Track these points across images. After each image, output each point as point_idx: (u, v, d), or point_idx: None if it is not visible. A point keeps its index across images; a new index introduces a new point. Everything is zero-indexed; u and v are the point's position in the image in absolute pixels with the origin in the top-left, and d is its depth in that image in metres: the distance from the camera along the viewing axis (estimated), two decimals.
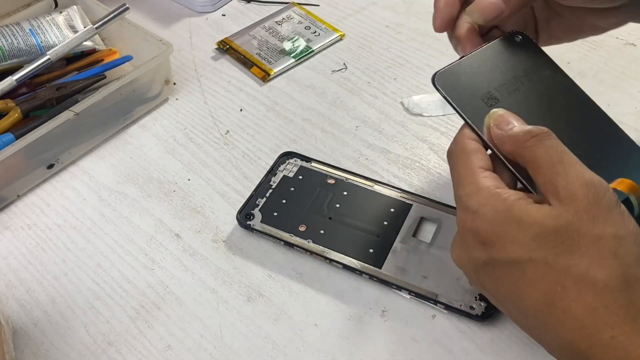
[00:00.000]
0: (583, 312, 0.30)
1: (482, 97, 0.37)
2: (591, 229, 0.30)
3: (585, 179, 0.31)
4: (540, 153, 0.32)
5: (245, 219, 0.49)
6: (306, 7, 0.70)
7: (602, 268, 0.30)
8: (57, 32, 0.60)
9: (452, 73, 0.38)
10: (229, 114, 0.60)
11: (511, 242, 0.32)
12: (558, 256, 0.31)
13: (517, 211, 0.32)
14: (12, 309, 0.46)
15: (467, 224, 0.34)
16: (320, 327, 0.44)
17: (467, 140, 0.36)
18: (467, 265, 0.35)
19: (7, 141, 0.51)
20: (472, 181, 0.34)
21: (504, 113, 0.36)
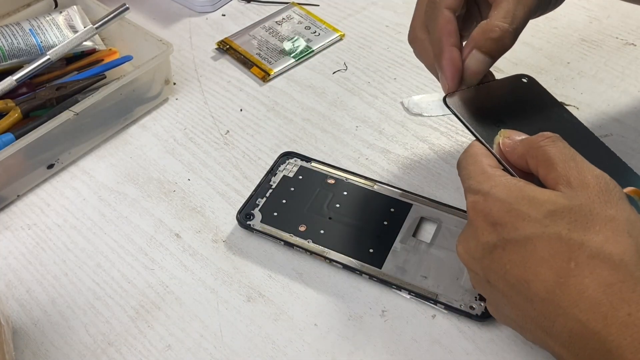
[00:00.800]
0: (598, 288, 0.29)
1: (490, 118, 0.40)
2: (604, 211, 0.30)
3: (597, 173, 0.32)
4: (553, 152, 0.33)
5: (245, 219, 0.49)
6: (306, 7, 0.70)
7: (618, 244, 0.30)
8: (57, 32, 0.60)
9: (462, 96, 0.41)
10: (229, 114, 0.60)
11: (523, 220, 0.32)
12: (571, 232, 0.30)
13: (529, 191, 0.32)
14: (12, 308, 0.46)
15: (478, 206, 0.34)
16: (320, 327, 0.44)
17: (475, 147, 0.37)
18: (474, 256, 0.35)
19: (7, 141, 0.51)
20: (481, 171, 0.35)
21: (514, 130, 0.38)
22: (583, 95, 0.59)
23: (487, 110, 0.40)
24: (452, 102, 0.41)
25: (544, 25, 0.68)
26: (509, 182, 0.33)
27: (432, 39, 0.42)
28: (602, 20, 0.68)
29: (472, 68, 0.40)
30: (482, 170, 0.35)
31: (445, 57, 0.40)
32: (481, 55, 0.39)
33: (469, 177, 0.36)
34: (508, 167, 0.36)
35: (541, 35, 0.66)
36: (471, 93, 0.41)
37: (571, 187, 0.32)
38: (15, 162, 0.50)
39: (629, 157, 0.53)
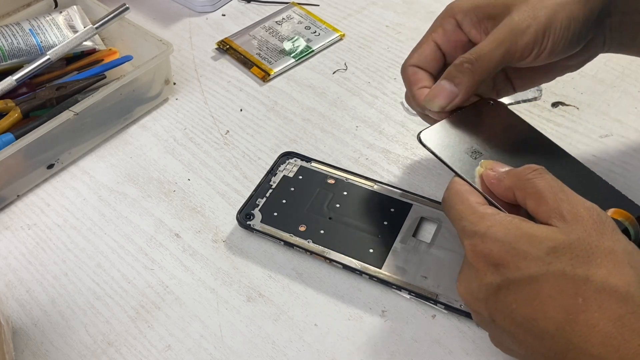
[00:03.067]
0: (608, 322, 0.29)
1: (467, 152, 0.40)
2: (602, 243, 0.31)
3: (587, 205, 0.32)
4: (541, 184, 0.33)
5: (245, 219, 0.49)
6: (306, 7, 0.70)
7: (621, 276, 0.30)
8: (57, 32, 0.60)
9: (436, 132, 0.41)
10: (229, 114, 0.60)
11: (525, 259, 0.31)
12: (575, 268, 0.30)
13: (527, 228, 0.32)
14: (12, 309, 0.46)
15: (477, 248, 0.33)
16: (320, 327, 0.44)
17: (459, 185, 0.37)
18: (477, 297, 0.34)
19: (7, 141, 0.51)
20: (473, 212, 0.34)
21: (495, 161, 0.38)
22: (583, 95, 0.59)
23: (462, 141, 0.41)
24: (426, 138, 0.41)
25: None
26: (505, 221, 0.33)
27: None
28: None
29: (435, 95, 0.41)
30: (472, 210, 0.34)
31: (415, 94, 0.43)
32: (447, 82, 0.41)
33: (461, 219, 0.35)
34: (494, 201, 0.36)
35: None
36: (444, 126, 0.41)
37: (565, 221, 0.31)
38: (15, 162, 0.50)
39: (629, 158, 0.53)
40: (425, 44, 0.44)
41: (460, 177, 0.38)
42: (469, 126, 0.42)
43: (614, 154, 0.54)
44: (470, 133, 0.41)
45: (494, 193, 0.36)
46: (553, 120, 0.57)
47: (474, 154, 0.40)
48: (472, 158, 0.39)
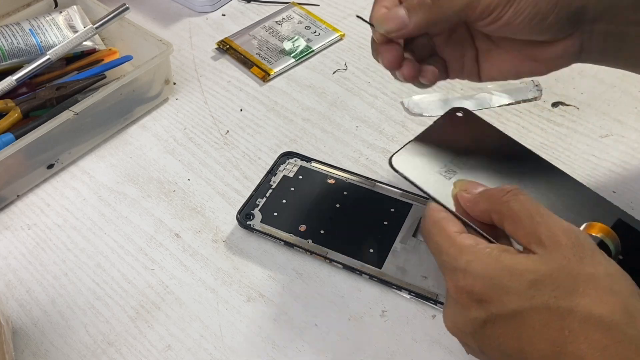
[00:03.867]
0: (595, 352, 0.29)
1: (440, 171, 0.38)
2: (583, 269, 0.30)
3: (565, 227, 0.31)
4: (517, 207, 0.33)
5: (245, 219, 0.49)
6: (306, 7, 0.70)
7: (605, 304, 0.29)
8: (57, 32, 0.60)
9: (407, 154, 0.39)
10: (229, 114, 0.60)
11: (508, 294, 0.31)
12: (558, 299, 0.30)
13: (506, 261, 0.31)
14: (12, 309, 0.46)
15: (459, 284, 0.33)
16: (320, 327, 0.44)
17: (435, 212, 0.36)
18: (464, 331, 0.34)
19: (7, 141, 0.51)
20: (452, 244, 0.34)
21: (469, 180, 0.37)
22: (583, 95, 0.59)
23: (435, 160, 0.39)
24: (398, 162, 0.39)
25: None
26: (485, 254, 0.32)
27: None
28: None
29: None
30: (451, 242, 0.34)
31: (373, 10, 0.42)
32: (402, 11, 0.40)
33: (440, 252, 0.34)
34: (472, 224, 0.35)
35: None
36: (414, 146, 0.40)
37: (544, 246, 0.31)
38: (15, 162, 0.50)
39: (630, 158, 0.53)
40: None
41: (436, 202, 0.37)
42: (440, 143, 0.40)
43: (614, 154, 0.54)
44: (443, 150, 0.40)
45: (471, 216, 0.35)
46: (553, 120, 0.57)
47: (449, 173, 0.38)
48: (447, 178, 0.38)
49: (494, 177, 0.38)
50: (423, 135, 0.41)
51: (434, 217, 0.35)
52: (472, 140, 0.41)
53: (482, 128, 0.42)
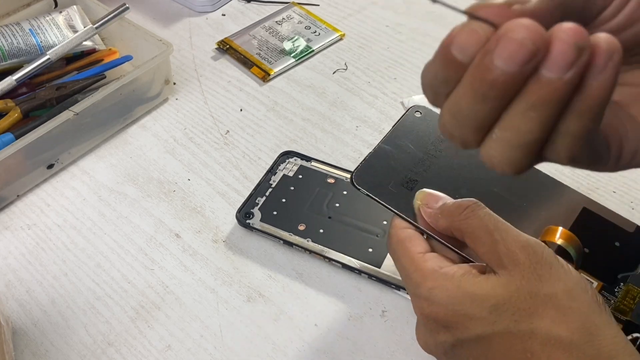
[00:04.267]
0: None
1: (402, 182, 0.37)
2: (541, 289, 0.30)
3: (522, 242, 0.31)
4: (475, 224, 0.32)
5: (245, 217, 0.49)
6: (306, 6, 0.70)
7: (563, 324, 0.30)
8: (57, 32, 0.60)
9: (367, 169, 0.37)
10: (229, 114, 0.60)
11: (470, 320, 0.31)
12: (519, 323, 0.30)
13: (467, 286, 0.32)
14: (11, 309, 0.46)
15: (424, 311, 0.33)
16: (320, 327, 0.44)
17: (399, 230, 0.35)
18: (436, 351, 0.34)
19: (7, 141, 0.51)
20: (415, 268, 0.33)
21: (429, 191, 0.36)
22: None
23: (396, 171, 0.37)
24: (359, 179, 0.37)
25: None
26: (446, 279, 0.32)
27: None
28: None
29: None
30: (414, 266, 0.34)
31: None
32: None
33: (405, 276, 0.34)
34: (437, 238, 0.35)
35: None
36: (374, 158, 0.38)
37: (503, 266, 0.31)
38: (15, 162, 0.50)
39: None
40: None
41: (401, 217, 0.35)
42: (400, 150, 0.38)
43: None
44: (403, 158, 0.38)
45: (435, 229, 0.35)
46: None
47: (410, 184, 0.37)
48: (409, 189, 0.37)
49: (455, 180, 0.37)
50: (383, 144, 0.39)
51: (398, 236, 0.35)
52: (434, 145, 0.39)
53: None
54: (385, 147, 0.38)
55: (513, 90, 0.22)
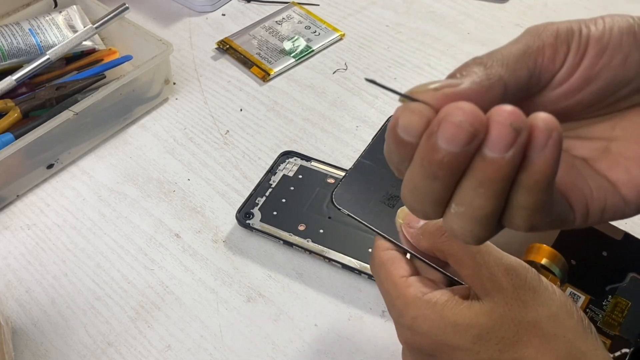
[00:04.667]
0: None
1: (383, 200, 0.36)
2: (525, 315, 0.30)
3: (505, 266, 0.31)
4: (457, 246, 0.32)
5: (245, 217, 0.49)
6: (306, 6, 0.70)
7: (548, 352, 0.29)
8: (56, 32, 0.60)
9: (347, 187, 0.36)
10: (229, 114, 0.60)
11: (455, 349, 0.31)
12: (503, 352, 0.30)
13: (450, 316, 0.31)
14: (11, 309, 0.46)
15: (408, 341, 0.33)
16: (320, 327, 0.44)
17: (381, 252, 0.34)
18: None
19: (7, 141, 0.50)
20: (398, 295, 0.33)
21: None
22: None
23: (376, 188, 0.36)
24: (339, 198, 0.35)
25: None
26: (429, 308, 0.31)
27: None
28: None
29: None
30: (397, 292, 0.33)
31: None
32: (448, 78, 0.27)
33: (388, 301, 0.34)
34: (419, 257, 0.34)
35: None
36: (355, 175, 0.36)
37: (486, 291, 0.31)
38: (15, 162, 0.50)
39: None
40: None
41: (383, 237, 0.34)
42: (380, 165, 0.36)
43: None
44: (384, 174, 0.36)
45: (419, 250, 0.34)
46: None
47: (391, 201, 0.36)
48: (390, 206, 0.35)
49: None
50: (362, 159, 0.37)
51: (381, 258, 0.34)
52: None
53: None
54: (364, 162, 0.37)
55: (461, 167, 0.23)
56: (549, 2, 0.71)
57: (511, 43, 0.26)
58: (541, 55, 0.26)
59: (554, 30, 0.26)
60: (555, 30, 0.26)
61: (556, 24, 0.26)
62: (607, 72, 0.26)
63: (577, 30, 0.26)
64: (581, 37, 0.26)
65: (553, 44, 0.26)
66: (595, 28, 0.26)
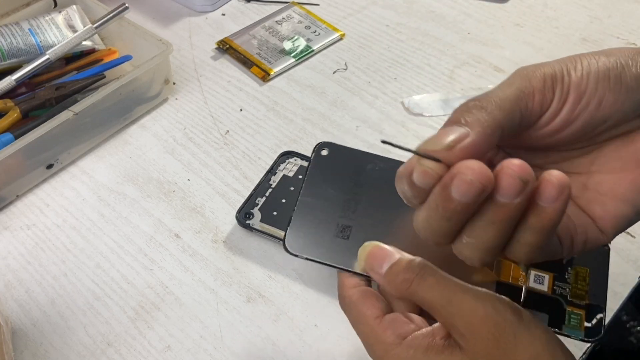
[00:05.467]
0: None
1: (336, 233, 0.35)
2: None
3: (481, 316, 0.30)
4: (428, 296, 0.31)
5: (245, 218, 0.49)
6: (306, 6, 0.70)
7: None
8: (56, 32, 0.60)
9: (297, 231, 0.35)
10: (229, 114, 0.59)
11: None
12: None
13: None
14: (11, 309, 0.46)
15: None
16: (320, 327, 0.44)
17: (350, 291, 0.33)
18: None
19: (6, 141, 0.50)
20: (376, 340, 0.32)
21: (371, 250, 0.33)
22: None
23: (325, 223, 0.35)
24: (292, 244, 0.34)
25: (545, 25, 0.67)
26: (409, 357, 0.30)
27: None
28: (603, 20, 0.67)
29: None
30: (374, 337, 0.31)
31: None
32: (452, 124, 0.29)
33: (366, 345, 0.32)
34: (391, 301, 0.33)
35: (542, 35, 0.66)
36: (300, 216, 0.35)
37: (465, 339, 0.30)
38: (15, 162, 0.50)
39: None
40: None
41: (350, 272, 0.33)
42: (322, 199, 0.35)
43: None
44: (328, 207, 0.35)
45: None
46: None
47: (344, 232, 0.34)
48: (345, 238, 0.34)
49: (386, 211, 0.35)
50: (302, 197, 0.36)
51: (350, 297, 0.33)
52: (351, 178, 0.36)
53: (355, 159, 0.37)
54: (306, 200, 0.36)
55: (471, 212, 0.26)
56: (549, 2, 0.70)
57: (505, 86, 0.29)
58: (531, 100, 0.29)
59: (542, 75, 0.29)
60: (542, 75, 0.29)
61: (543, 68, 0.29)
62: (585, 115, 0.29)
63: (561, 77, 0.29)
64: (563, 84, 0.29)
65: (541, 90, 0.29)
66: (575, 74, 0.29)
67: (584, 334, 0.33)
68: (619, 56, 0.28)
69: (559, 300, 0.35)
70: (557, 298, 0.35)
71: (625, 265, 0.47)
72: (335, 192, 0.36)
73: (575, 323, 0.34)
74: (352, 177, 0.37)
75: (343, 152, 0.37)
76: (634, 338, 0.73)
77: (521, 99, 0.29)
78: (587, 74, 0.28)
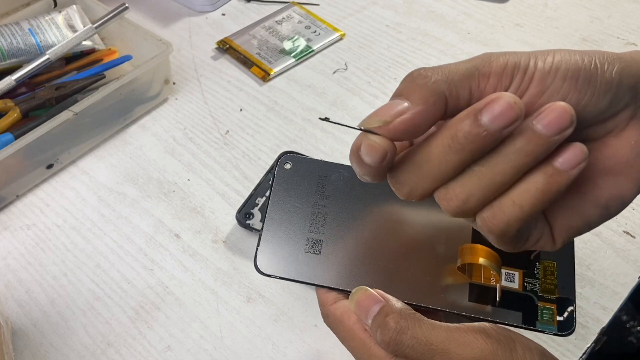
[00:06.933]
0: None
1: (307, 249, 0.34)
2: None
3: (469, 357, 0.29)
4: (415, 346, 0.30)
5: (245, 218, 0.49)
6: (306, 6, 0.70)
7: None
8: (56, 32, 0.60)
9: (267, 250, 0.34)
10: (228, 114, 0.59)
11: None
12: None
13: None
14: (11, 309, 0.46)
15: None
16: (321, 327, 0.44)
17: (331, 307, 0.33)
18: None
19: (6, 141, 0.50)
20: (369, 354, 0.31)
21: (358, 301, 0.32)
22: None
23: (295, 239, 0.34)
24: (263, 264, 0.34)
25: (545, 25, 0.67)
26: None
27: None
28: (603, 20, 0.67)
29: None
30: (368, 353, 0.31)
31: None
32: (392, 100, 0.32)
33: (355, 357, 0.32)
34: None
35: (542, 35, 0.66)
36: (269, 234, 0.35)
37: None
38: (15, 162, 0.50)
39: None
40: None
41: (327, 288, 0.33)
42: (289, 214, 0.35)
43: None
44: (296, 222, 0.35)
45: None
46: None
47: (317, 246, 0.34)
48: (317, 253, 0.34)
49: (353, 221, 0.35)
50: (270, 216, 0.35)
51: (334, 314, 0.32)
52: (316, 191, 0.36)
53: (319, 170, 0.36)
54: (273, 217, 0.35)
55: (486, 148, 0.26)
56: (549, 2, 0.70)
57: (462, 62, 0.29)
58: (485, 81, 0.28)
59: (504, 61, 0.28)
60: (505, 61, 0.28)
61: (509, 56, 0.28)
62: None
63: (525, 67, 0.27)
64: (526, 74, 0.27)
65: (498, 74, 0.28)
66: (543, 66, 0.27)
67: (557, 329, 0.33)
68: (597, 58, 0.27)
69: (530, 297, 0.35)
70: (529, 294, 0.35)
71: (625, 265, 0.47)
72: (302, 207, 0.35)
73: (548, 318, 0.34)
74: (318, 189, 0.36)
75: (306, 164, 0.36)
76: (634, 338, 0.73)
77: (473, 75, 0.28)
78: (555, 69, 0.27)
